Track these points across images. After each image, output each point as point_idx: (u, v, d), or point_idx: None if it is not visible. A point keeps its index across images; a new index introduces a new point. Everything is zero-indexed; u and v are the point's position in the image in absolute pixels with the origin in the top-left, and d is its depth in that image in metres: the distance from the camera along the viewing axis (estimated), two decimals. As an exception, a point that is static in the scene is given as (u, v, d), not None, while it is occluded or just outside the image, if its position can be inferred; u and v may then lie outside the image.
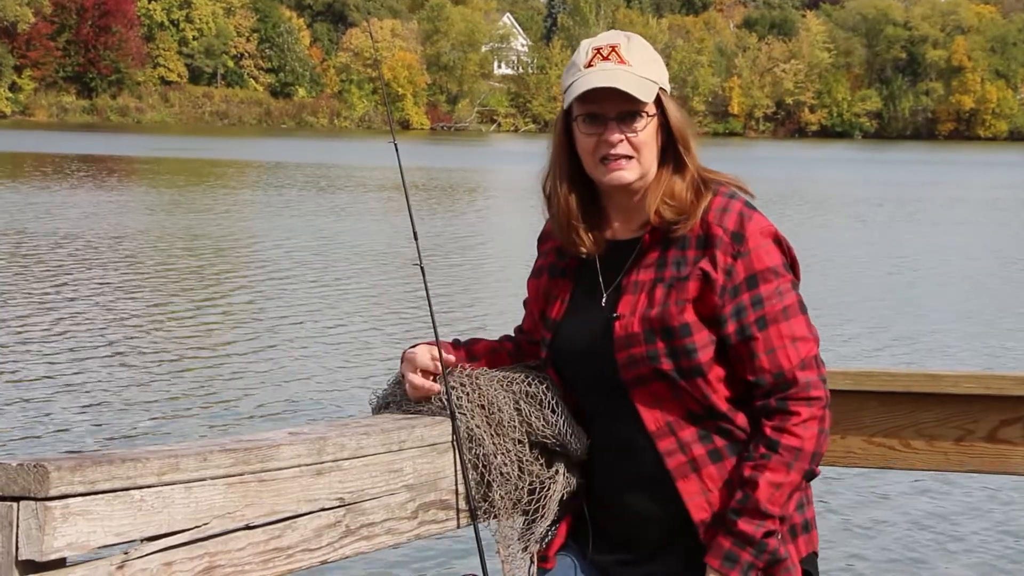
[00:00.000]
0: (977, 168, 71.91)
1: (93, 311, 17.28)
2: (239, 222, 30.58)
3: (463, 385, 3.33)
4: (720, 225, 3.15)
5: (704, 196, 3.18)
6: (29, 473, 2.51)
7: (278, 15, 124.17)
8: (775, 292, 3.14)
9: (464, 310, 18.07)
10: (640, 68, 3.19)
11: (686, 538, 3.18)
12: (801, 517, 3.22)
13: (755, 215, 3.19)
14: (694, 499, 3.16)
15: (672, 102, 3.23)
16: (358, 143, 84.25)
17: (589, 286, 3.29)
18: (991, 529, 9.33)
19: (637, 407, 3.18)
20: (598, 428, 3.29)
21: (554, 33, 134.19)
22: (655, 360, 3.13)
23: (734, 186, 3.24)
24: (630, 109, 3.17)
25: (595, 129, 3.19)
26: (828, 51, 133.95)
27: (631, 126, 3.18)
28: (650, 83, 3.19)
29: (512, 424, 3.31)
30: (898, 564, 8.60)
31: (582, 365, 3.25)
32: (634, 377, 3.16)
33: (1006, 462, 3.83)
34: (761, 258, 3.14)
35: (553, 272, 3.36)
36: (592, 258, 3.29)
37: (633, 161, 3.19)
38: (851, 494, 9.98)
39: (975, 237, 31.57)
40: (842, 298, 19.87)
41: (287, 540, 2.93)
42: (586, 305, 3.27)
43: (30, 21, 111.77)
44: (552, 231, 3.37)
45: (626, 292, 3.21)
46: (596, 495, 3.33)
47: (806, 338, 3.15)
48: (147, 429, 11.34)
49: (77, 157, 55.64)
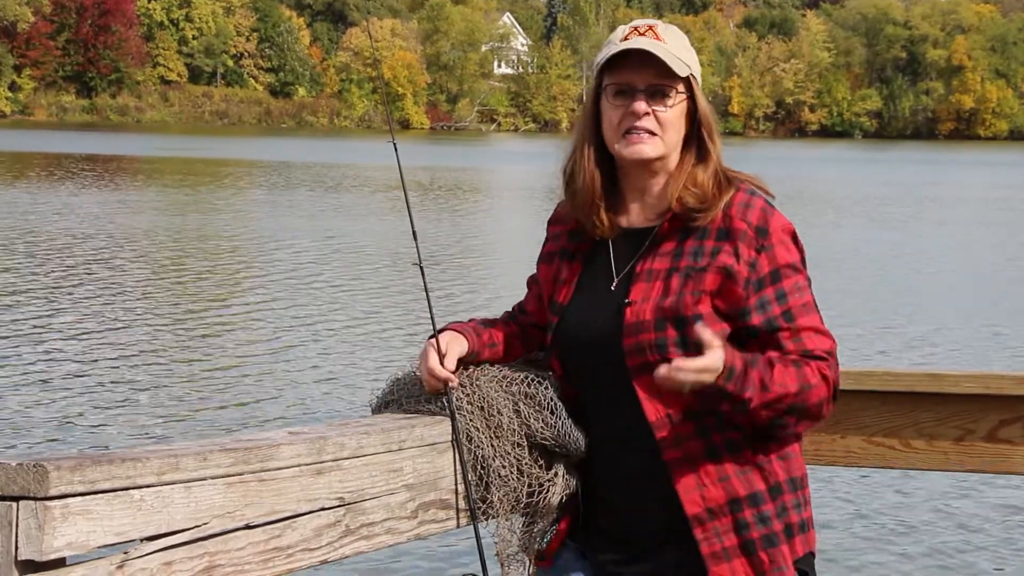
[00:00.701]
0: (977, 168, 71.93)
1: (93, 311, 17.27)
2: (239, 222, 30.59)
3: (463, 386, 3.33)
4: (744, 219, 3.17)
5: (727, 190, 3.20)
6: (29, 473, 2.51)
7: (278, 14, 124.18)
8: (796, 287, 3.17)
9: (464, 310, 18.07)
10: (675, 49, 3.22)
11: (684, 534, 3.18)
12: (798, 517, 3.21)
13: (776, 212, 3.22)
14: (689, 493, 3.16)
15: (702, 93, 3.26)
16: (358, 143, 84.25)
17: (600, 271, 3.28)
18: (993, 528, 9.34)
19: (639, 396, 3.17)
20: (599, 419, 3.28)
21: (554, 33, 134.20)
22: (663, 349, 3.13)
23: (755, 185, 3.26)
24: (661, 84, 3.19)
25: (624, 101, 3.21)
26: (828, 51, 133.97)
27: (661, 101, 3.20)
28: (683, 64, 3.21)
29: (511, 426, 3.30)
30: (899, 564, 8.60)
31: (587, 351, 3.25)
32: (639, 364, 3.15)
33: (1006, 462, 3.83)
34: (783, 254, 3.17)
35: (564, 256, 3.35)
36: (605, 243, 3.29)
37: (656, 138, 3.20)
38: (851, 494, 9.98)
39: (975, 236, 31.58)
40: (842, 297, 19.87)
41: (287, 540, 2.93)
42: (595, 290, 3.27)
43: (30, 20, 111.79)
44: (564, 215, 3.37)
45: (639, 279, 3.20)
46: (595, 489, 3.32)
47: (827, 332, 3.20)
48: (147, 429, 11.34)
49: (79, 157, 55.64)
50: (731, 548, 3.16)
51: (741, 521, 3.16)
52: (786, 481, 3.20)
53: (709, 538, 3.16)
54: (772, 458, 3.20)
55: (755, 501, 3.17)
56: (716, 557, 3.16)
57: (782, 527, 3.18)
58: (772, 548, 3.17)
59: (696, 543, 3.16)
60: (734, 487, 3.16)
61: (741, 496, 3.16)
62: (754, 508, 3.16)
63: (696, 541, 3.16)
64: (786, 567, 3.17)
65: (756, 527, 3.16)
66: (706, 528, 3.16)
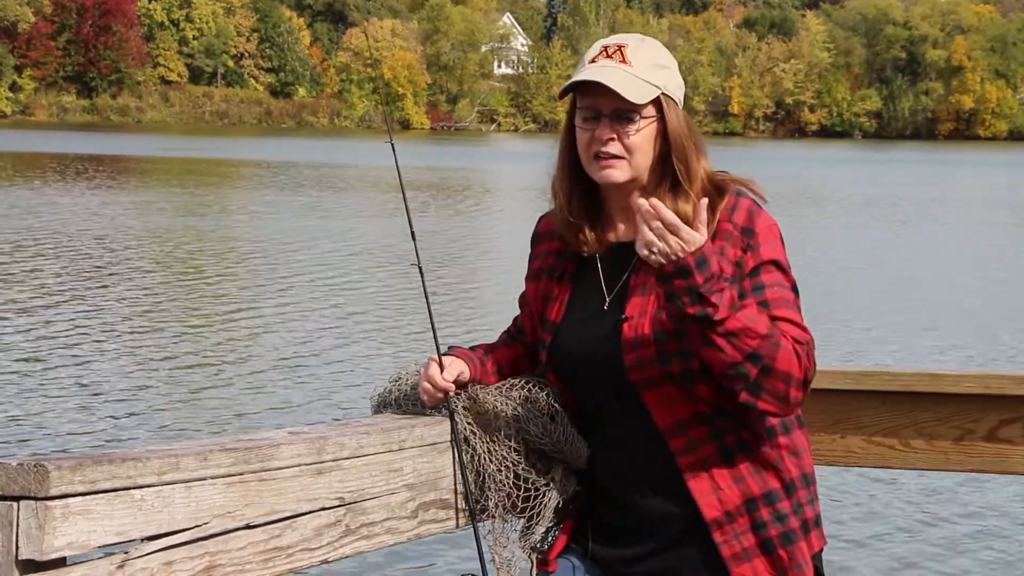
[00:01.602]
0: (977, 168, 71.92)
1: (93, 310, 17.27)
2: (239, 222, 30.59)
3: (465, 389, 3.33)
4: (730, 220, 3.15)
5: (718, 201, 3.18)
6: (29, 473, 2.51)
7: (278, 15, 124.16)
8: (776, 282, 3.14)
9: (463, 310, 18.08)
10: (642, 70, 3.18)
11: (697, 538, 3.18)
12: (812, 512, 3.23)
13: (762, 212, 3.20)
14: (706, 498, 3.16)
15: (676, 111, 3.20)
16: (358, 143, 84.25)
17: (590, 288, 3.27)
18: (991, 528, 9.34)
19: (648, 408, 3.16)
20: (605, 429, 3.27)
21: (554, 33, 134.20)
22: (666, 363, 3.11)
23: (746, 187, 3.24)
24: (624, 108, 3.16)
25: (591, 125, 3.19)
26: (828, 51, 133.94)
27: (624, 126, 3.17)
28: (648, 86, 3.17)
29: (509, 432, 3.30)
30: (898, 564, 8.60)
31: (586, 367, 3.23)
32: (644, 379, 3.14)
33: (1006, 461, 3.83)
34: (767, 251, 3.15)
35: (552, 274, 3.34)
36: (593, 259, 3.28)
37: (624, 162, 3.18)
38: (851, 493, 9.98)
39: (975, 236, 31.57)
40: (841, 297, 19.87)
41: (287, 539, 2.94)
42: (588, 307, 3.26)
43: (30, 21, 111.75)
44: (546, 232, 3.37)
45: (634, 293, 3.19)
46: (604, 494, 3.31)
47: (806, 328, 3.13)
48: (147, 428, 11.34)
49: (81, 157, 55.63)
50: (751, 548, 3.16)
51: (758, 520, 3.16)
52: (799, 477, 3.21)
53: (728, 540, 3.16)
54: (784, 455, 3.20)
55: (771, 499, 3.16)
56: (737, 558, 3.16)
57: (799, 523, 3.19)
58: (791, 545, 3.17)
59: (714, 544, 3.16)
60: (749, 487, 3.16)
61: (756, 495, 3.16)
62: (770, 507, 3.16)
63: (715, 544, 3.16)
64: (805, 564, 3.18)
65: (773, 525, 3.16)
66: (724, 531, 3.16)
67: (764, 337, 2.99)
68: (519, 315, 3.49)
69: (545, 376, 3.34)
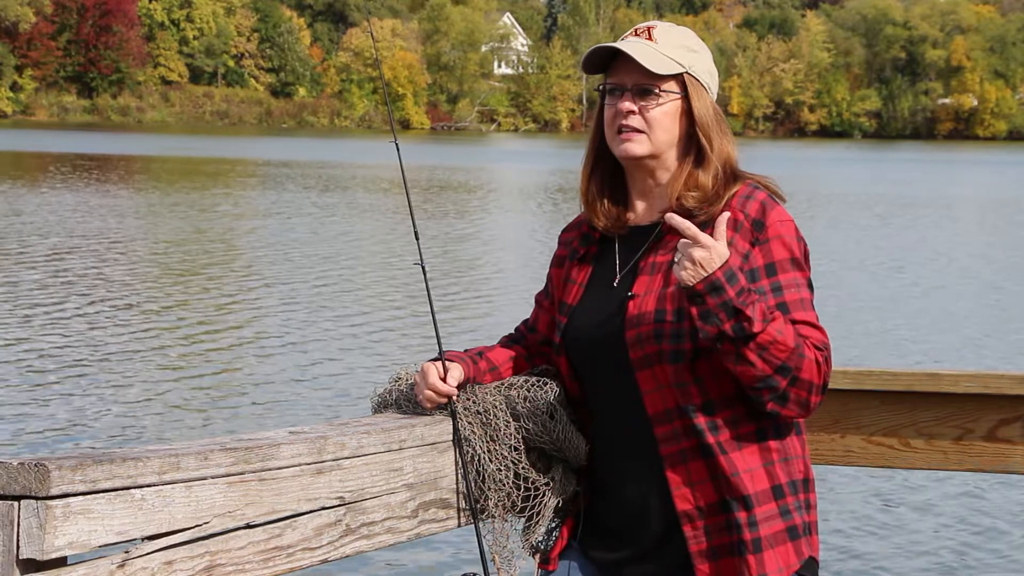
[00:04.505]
0: (976, 168, 71.92)
1: (93, 310, 17.28)
2: (240, 221, 30.58)
3: (463, 389, 3.34)
4: (742, 211, 3.19)
5: (732, 185, 3.22)
6: (30, 472, 2.51)
7: (278, 15, 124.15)
8: (793, 282, 3.16)
9: (465, 309, 18.08)
10: (666, 48, 3.26)
11: (676, 538, 3.18)
12: (802, 520, 3.20)
13: (777, 207, 3.23)
14: (679, 488, 3.16)
15: (703, 96, 3.26)
16: (358, 143, 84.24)
17: (606, 269, 3.32)
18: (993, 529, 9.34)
19: (640, 389, 3.18)
20: (604, 416, 3.29)
21: (554, 33, 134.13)
22: (660, 339, 3.14)
23: (763, 184, 3.27)
24: (645, 83, 3.23)
25: (615, 100, 3.27)
26: (828, 51, 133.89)
27: (648, 99, 3.23)
28: (671, 62, 3.24)
29: (508, 430, 3.31)
30: (898, 564, 8.60)
31: (593, 347, 3.26)
32: (641, 357, 3.16)
33: (1005, 461, 3.84)
34: (780, 248, 3.17)
35: (574, 256, 3.39)
36: (613, 241, 3.32)
37: (643, 136, 3.24)
38: (851, 493, 9.98)
39: (975, 236, 31.57)
40: (841, 296, 19.87)
41: (287, 539, 2.94)
42: (601, 287, 3.30)
43: (31, 21, 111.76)
44: (575, 223, 3.44)
45: (642, 273, 3.23)
46: (598, 486, 3.32)
47: (823, 329, 3.17)
48: (148, 428, 11.35)
49: (81, 157, 55.62)
50: (719, 547, 3.15)
51: (733, 522, 3.14)
52: (787, 484, 3.18)
53: (697, 536, 3.16)
54: (774, 460, 3.18)
55: (749, 503, 3.14)
56: (702, 555, 3.16)
57: (779, 530, 3.16)
58: (761, 552, 3.13)
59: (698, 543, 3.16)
60: (729, 487, 3.14)
61: (736, 497, 3.14)
62: (748, 510, 3.13)
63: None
64: (778, 572, 3.14)
65: (748, 529, 3.13)
66: (696, 526, 3.16)
67: (792, 349, 3.05)
68: (529, 315, 3.52)
69: (557, 360, 3.36)
